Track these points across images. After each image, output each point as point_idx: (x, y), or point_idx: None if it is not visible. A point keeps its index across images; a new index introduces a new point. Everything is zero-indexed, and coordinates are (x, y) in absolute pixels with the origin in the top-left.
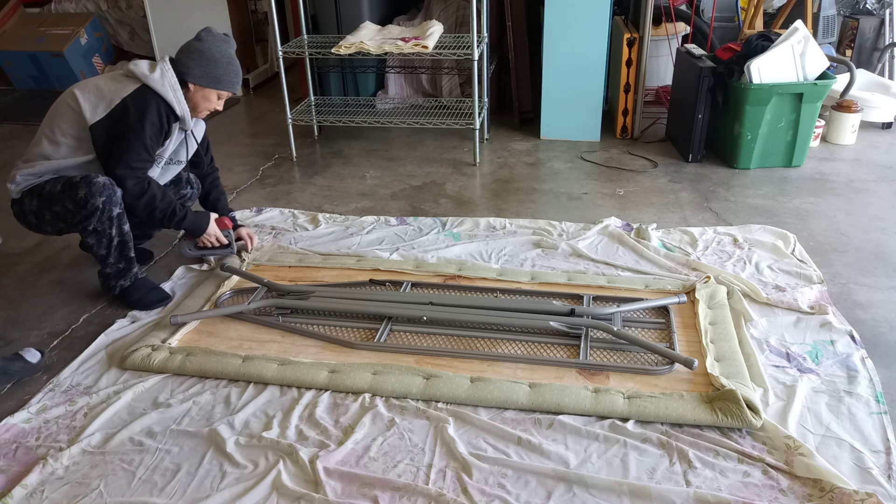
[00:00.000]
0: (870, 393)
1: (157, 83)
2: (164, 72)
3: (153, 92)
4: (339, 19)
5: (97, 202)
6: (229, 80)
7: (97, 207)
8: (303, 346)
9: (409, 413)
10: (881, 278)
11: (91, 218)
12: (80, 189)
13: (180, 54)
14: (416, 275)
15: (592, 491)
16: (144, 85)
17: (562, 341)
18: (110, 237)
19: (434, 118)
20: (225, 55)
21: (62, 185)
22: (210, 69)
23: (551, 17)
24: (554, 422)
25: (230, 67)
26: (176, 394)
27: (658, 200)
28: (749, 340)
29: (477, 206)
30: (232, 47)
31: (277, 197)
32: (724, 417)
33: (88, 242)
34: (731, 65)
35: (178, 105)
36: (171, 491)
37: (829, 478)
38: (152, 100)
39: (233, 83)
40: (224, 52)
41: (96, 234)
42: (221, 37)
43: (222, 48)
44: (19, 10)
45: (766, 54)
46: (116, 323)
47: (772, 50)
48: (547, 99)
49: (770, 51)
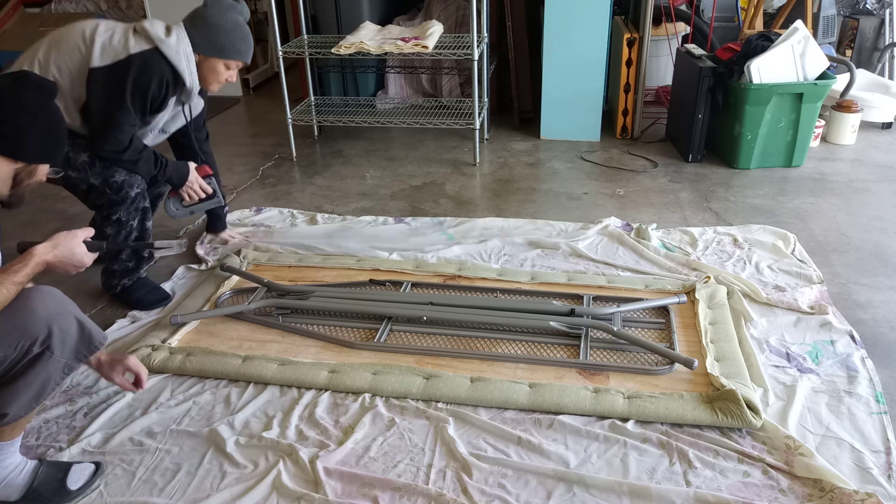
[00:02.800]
0: (870, 393)
1: (171, 49)
2: (179, 38)
3: (163, 58)
4: (339, 19)
5: (132, 192)
6: (235, 49)
7: (130, 197)
8: (303, 346)
9: (409, 413)
10: (881, 278)
11: (120, 206)
12: (118, 175)
13: (186, 21)
14: (416, 275)
15: (592, 491)
16: (156, 48)
17: (562, 341)
18: (130, 230)
19: (434, 118)
20: (230, 21)
21: (101, 166)
22: (214, 36)
23: (551, 17)
24: (554, 422)
25: (235, 34)
26: (176, 394)
27: (658, 200)
28: (749, 340)
29: (477, 206)
30: (241, 14)
31: (277, 197)
32: (724, 417)
33: (107, 232)
34: (731, 65)
35: (189, 76)
36: (171, 491)
37: (829, 478)
38: (158, 67)
39: (239, 52)
40: (229, 19)
41: (118, 224)
42: (229, 2)
43: (228, 14)
44: (19, 10)
45: (766, 54)
46: (116, 323)
47: (772, 50)
48: (547, 99)
49: (770, 51)
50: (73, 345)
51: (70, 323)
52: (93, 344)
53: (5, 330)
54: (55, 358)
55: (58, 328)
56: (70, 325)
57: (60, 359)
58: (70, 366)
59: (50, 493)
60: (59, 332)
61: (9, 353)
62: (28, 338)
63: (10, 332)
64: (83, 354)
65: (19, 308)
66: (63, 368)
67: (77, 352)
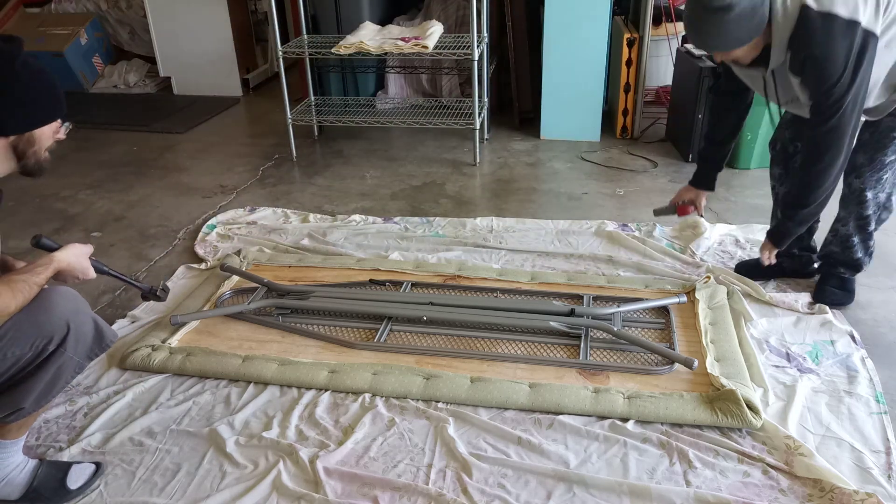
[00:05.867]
0: (870, 393)
1: None
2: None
3: None
4: (339, 19)
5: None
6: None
7: None
8: (303, 346)
9: (409, 413)
10: (881, 278)
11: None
12: None
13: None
14: (416, 275)
15: (592, 491)
16: None
17: (562, 341)
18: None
19: (434, 118)
20: None
21: None
22: None
23: (551, 17)
24: (554, 422)
25: None
26: (176, 394)
27: (658, 200)
28: (749, 340)
29: (477, 206)
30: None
31: (277, 197)
32: (724, 417)
33: None
34: None
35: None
36: (171, 491)
37: (829, 478)
38: None
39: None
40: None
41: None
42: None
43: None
44: (19, 10)
45: None
46: (116, 323)
47: None
48: (547, 99)
49: None
50: (87, 344)
51: (86, 322)
52: (104, 343)
53: (24, 329)
54: (68, 356)
55: (74, 327)
56: (86, 324)
57: (74, 357)
58: (81, 365)
59: (50, 492)
60: (75, 331)
61: (25, 352)
62: (45, 337)
63: (29, 331)
64: (95, 353)
65: (38, 307)
66: (75, 368)
67: (90, 351)
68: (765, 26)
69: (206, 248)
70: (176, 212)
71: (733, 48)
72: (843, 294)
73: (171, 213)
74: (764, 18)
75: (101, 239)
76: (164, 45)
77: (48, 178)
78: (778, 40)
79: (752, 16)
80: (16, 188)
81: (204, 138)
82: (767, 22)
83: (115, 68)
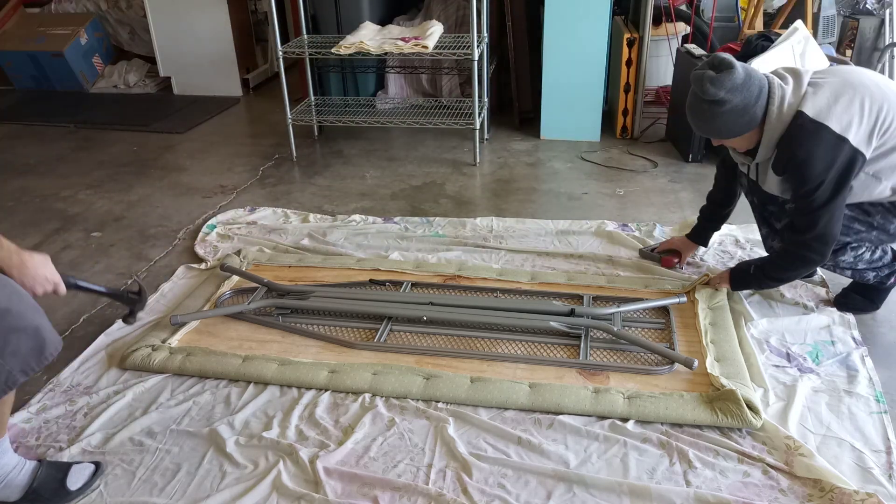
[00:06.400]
0: (870, 393)
1: None
2: None
3: None
4: (339, 19)
5: None
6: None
7: None
8: (303, 346)
9: (409, 413)
10: None
11: None
12: None
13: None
14: (416, 275)
15: (592, 491)
16: None
17: (562, 341)
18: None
19: (434, 118)
20: None
21: None
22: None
23: (551, 17)
24: (554, 422)
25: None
26: (176, 394)
27: (658, 200)
28: (749, 340)
29: (477, 206)
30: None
31: (277, 197)
32: (724, 417)
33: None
34: None
35: None
36: (171, 491)
37: (830, 478)
38: None
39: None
40: None
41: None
42: None
43: None
44: (19, 10)
45: (766, 54)
46: (116, 323)
47: (772, 50)
48: (547, 99)
49: (770, 51)
50: (22, 356)
51: (24, 328)
52: (44, 355)
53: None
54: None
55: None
56: (24, 331)
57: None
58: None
59: (50, 493)
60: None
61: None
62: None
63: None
64: (32, 368)
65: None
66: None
67: (25, 364)
68: (757, 124)
69: (206, 248)
70: (176, 212)
71: (725, 138)
72: (866, 302)
73: (171, 213)
74: (756, 118)
75: (101, 239)
76: (164, 45)
77: (48, 178)
78: (767, 138)
79: (743, 113)
80: (16, 188)
81: (204, 138)
82: (762, 120)
83: (115, 68)
